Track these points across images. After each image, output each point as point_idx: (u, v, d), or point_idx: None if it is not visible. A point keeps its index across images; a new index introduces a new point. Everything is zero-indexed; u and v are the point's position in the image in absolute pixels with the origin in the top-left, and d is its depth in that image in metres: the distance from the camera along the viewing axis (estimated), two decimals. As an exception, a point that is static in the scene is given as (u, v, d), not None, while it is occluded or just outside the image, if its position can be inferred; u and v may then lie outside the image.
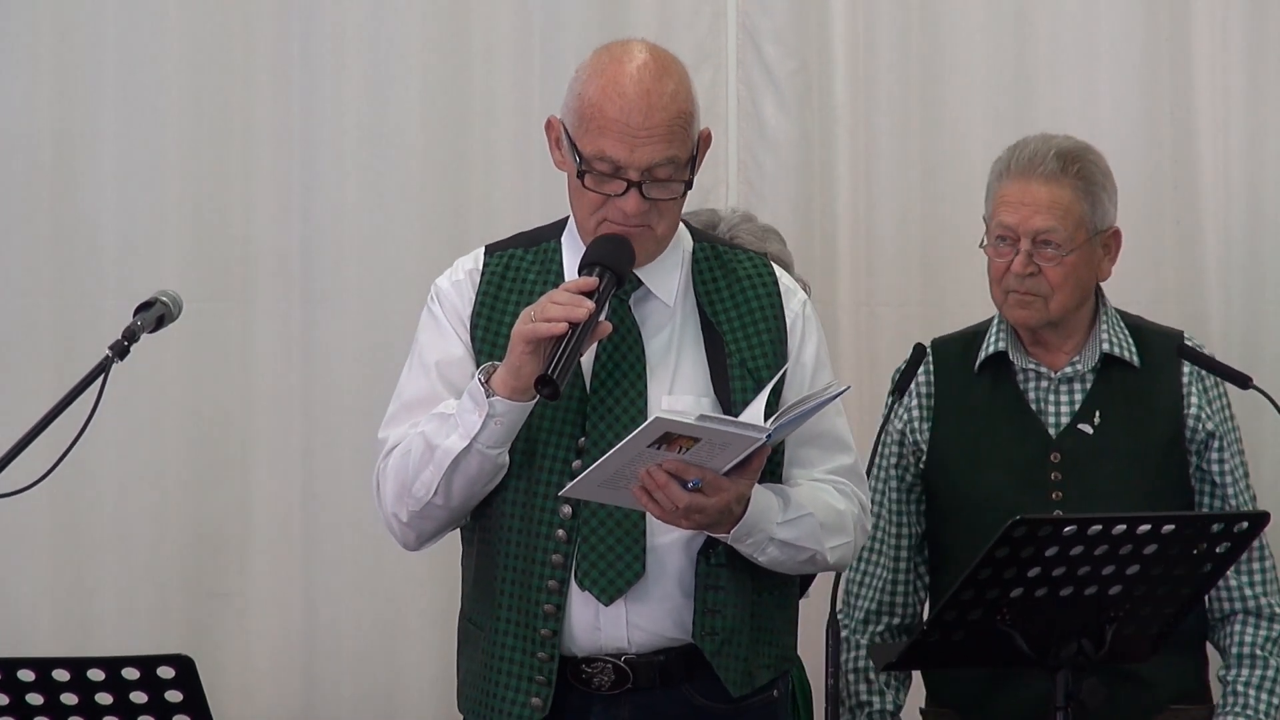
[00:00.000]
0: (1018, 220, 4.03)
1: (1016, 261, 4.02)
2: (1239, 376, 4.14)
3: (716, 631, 3.39)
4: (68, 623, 4.81)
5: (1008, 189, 4.05)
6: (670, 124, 3.33)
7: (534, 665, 3.38)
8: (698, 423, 3.16)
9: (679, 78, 3.38)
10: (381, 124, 4.91)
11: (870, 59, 4.96)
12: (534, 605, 3.37)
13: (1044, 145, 4.06)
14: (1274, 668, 4.05)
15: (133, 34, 4.87)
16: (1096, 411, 4.06)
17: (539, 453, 3.38)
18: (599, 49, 3.42)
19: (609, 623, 3.37)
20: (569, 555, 3.36)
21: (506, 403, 3.29)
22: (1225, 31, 4.92)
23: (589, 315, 3.24)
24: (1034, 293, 4.03)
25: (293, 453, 4.89)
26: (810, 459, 3.49)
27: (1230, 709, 4.04)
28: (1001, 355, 4.09)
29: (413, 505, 3.38)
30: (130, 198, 4.87)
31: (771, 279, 3.52)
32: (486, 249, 3.53)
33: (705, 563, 3.39)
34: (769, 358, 3.45)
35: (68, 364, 4.60)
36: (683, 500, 3.22)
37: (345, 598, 4.89)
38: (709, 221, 4.17)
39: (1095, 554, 3.36)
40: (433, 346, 3.46)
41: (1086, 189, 4.05)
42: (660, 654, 3.39)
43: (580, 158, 3.34)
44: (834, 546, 3.44)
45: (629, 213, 3.34)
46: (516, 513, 3.39)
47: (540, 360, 3.25)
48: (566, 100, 3.39)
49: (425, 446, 3.35)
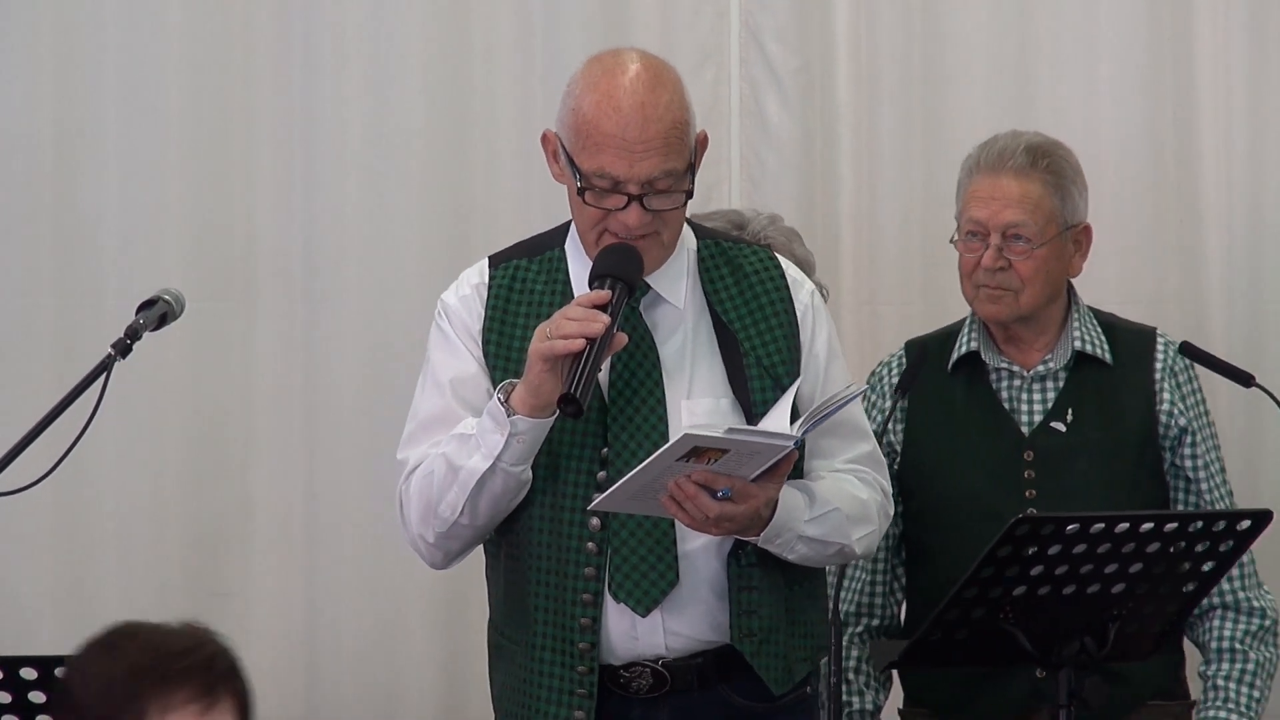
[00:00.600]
0: (987, 215, 4.03)
1: (986, 256, 4.02)
2: (1241, 375, 4.14)
3: (754, 632, 3.39)
4: (70, 621, 4.80)
5: (978, 184, 4.06)
6: (667, 135, 3.31)
7: (574, 679, 3.37)
8: (726, 435, 3.16)
9: (673, 86, 3.35)
10: (383, 124, 4.91)
11: (873, 57, 4.96)
12: (570, 619, 3.37)
13: (1014, 141, 4.07)
14: (1254, 661, 4.05)
15: (134, 34, 4.87)
16: (1069, 409, 4.06)
17: (563, 466, 3.38)
18: (590, 60, 3.40)
19: (646, 631, 3.37)
20: (601, 567, 3.36)
21: (528, 420, 3.28)
22: (1227, 31, 4.92)
23: (605, 329, 3.24)
24: (1005, 287, 4.03)
25: (294, 452, 4.89)
26: (831, 449, 3.49)
27: (1213, 703, 4.04)
28: (974, 355, 4.10)
29: (439, 526, 3.38)
30: (132, 197, 4.87)
31: (778, 271, 3.51)
32: (490, 260, 3.52)
33: (736, 564, 3.39)
34: (784, 353, 3.44)
35: (69, 363, 4.59)
36: (713, 510, 3.22)
37: (346, 597, 4.88)
38: (736, 222, 4.18)
39: (1098, 552, 3.36)
40: (445, 365, 3.44)
41: (1057, 183, 4.06)
42: (697, 656, 3.39)
43: (579, 174, 3.33)
44: (860, 537, 3.45)
45: (631, 226, 3.33)
46: (545, 527, 3.38)
47: (559, 377, 3.24)
48: (561, 114, 3.37)
49: (448, 468, 3.34)
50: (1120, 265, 4.89)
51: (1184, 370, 4.10)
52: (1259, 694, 4.05)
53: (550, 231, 3.54)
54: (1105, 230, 4.84)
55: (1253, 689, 4.05)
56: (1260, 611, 4.07)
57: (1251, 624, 4.06)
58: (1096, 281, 4.78)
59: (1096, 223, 4.48)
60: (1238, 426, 4.83)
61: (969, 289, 4.08)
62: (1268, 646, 4.07)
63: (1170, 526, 3.39)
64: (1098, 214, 4.83)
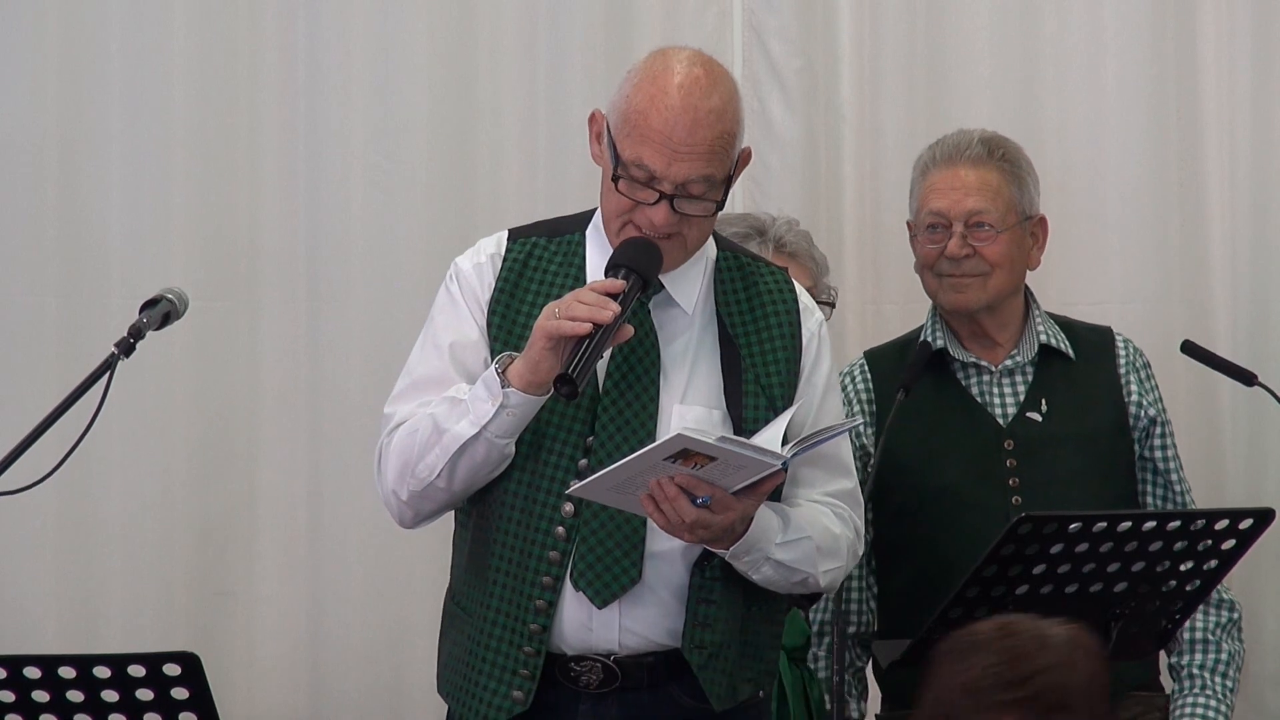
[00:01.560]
0: (948, 204, 4.08)
1: (951, 244, 4.06)
2: (1244, 374, 4.16)
3: (705, 645, 3.39)
4: (74, 620, 4.81)
5: (935, 178, 4.11)
6: (712, 143, 3.32)
7: (519, 658, 3.37)
8: (718, 443, 3.15)
9: (728, 95, 3.36)
10: (387, 123, 4.91)
11: (876, 57, 4.96)
12: (526, 599, 3.37)
13: (966, 135, 4.14)
14: (1227, 652, 4.11)
15: (138, 34, 4.87)
16: (1042, 399, 4.10)
17: (546, 447, 3.38)
18: (654, 52, 3.41)
19: (601, 624, 3.37)
20: (566, 554, 3.36)
21: (521, 395, 3.28)
22: (1231, 30, 4.92)
23: (614, 318, 3.24)
24: (970, 274, 4.06)
25: (299, 451, 4.89)
26: (812, 479, 3.49)
27: (1189, 691, 4.09)
28: (939, 355, 4.12)
29: (414, 485, 3.38)
30: (136, 196, 4.87)
31: (792, 296, 3.52)
32: (510, 234, 3.52)
33: (700, 575, 3.39)
34: (783, 375, 3.45)
35: (73, 361, 4.59)
36: (690, 515, 3.22)
37: (351, 596, 4.88)
38: (756, 226, 4.18)
39: (1100, 551, 3.37)
40: (448, 327, 3.45)
41: (1013, 172, 4.12)
42: (649, 656, 3.39)
43: (618, 160, 3.33)
44: (827, 570, 3.44)
45: (656, 223, 3.33)
46: (518, 504, 3.39)
47: (559, 357, 3.24)
48: (614, 99, 3.38)
49: (434, 428, 3.34)
50: (1123, 264, 4.89)
51: (1144, 367, 4.17)
52: (1231, 684, 4.11)
53: (573, 215, 3.55)
54: (1108, 229, 4.86)
55: (1226, 679, 4.10)
56: (1229, 605, 4.13)
57: (1221, 617, 4.12)
58: (1099, 280, 4.80)
59: (1099, 221, 4.49)
60: (1240, 426, 4.83)
61: (931, 281, 4.12)
62: (1235, 640, 4.13)
63: (1173, 525, 3.40)
64: (1101, 213, 4.85)
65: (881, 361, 4.20)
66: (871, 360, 4.21)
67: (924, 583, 3.89)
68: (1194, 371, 4.47)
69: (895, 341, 4.26)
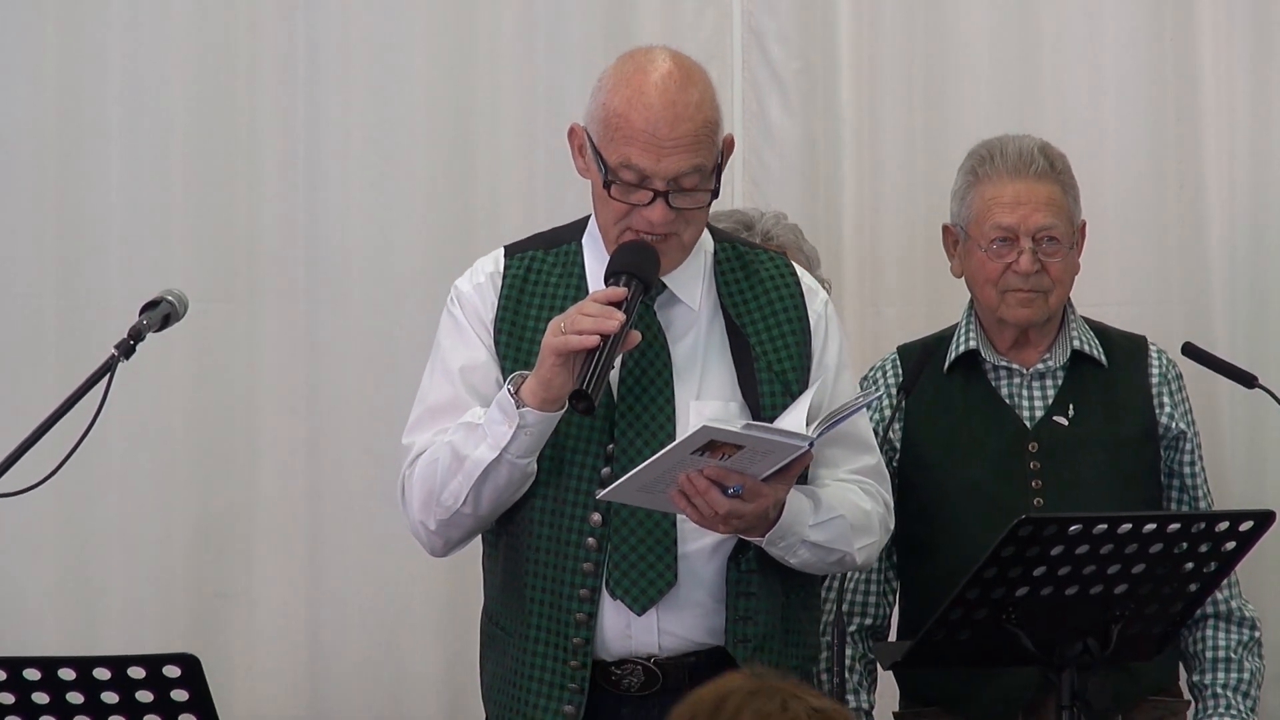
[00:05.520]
0: (1017, 220, 4.05)
1: (1023, 260, 4.03)
2: (1244, 376, 4.16)
3: (749, 638, 3.39)
4: (73, 622, 4.81)
5: (1001, 191, 4.07)
6: (696, 134, 3.33)
7: (566, 673, 3.37)
8: (744, 431, 3.16)
9: (704, 86, 3.37)
10: (386, 124, 4.91)
11: (875, 59, 4.95)
12: (566, 614, 3.37)
13: (1026, 144, 4.10)
14: (1249, 671, 4.10)
15: (138, 34, 4.87)
16: (1070, 404, 4.09)
17: (568, 460, 3.38)
18: (623, 56, 3.42)
19: (640, 629, 3.38)
20: (600, 563, 3.36)
21: (537, 413, 3.28)
22: (1230, 31, 4.92)
23: (620, 326, 3.24)
24: (1038, 289, 4.05)
25: (298, 453, 4.88)
26: (835, 459, 3.49)
27: (1214, 711, 4.08)
28: (971, 355, 4.11)
29: (441, 514, 3.38)
30: (135, 198, 4.87)
31: (794, 279, 3.52)
32: (506, 250, 3.52)
33: (736, 569, 3.40)
34: (794, 360, 3.45)
35: (73, 363, 4.59)
36: (723, 506, 3.23)
37: (350, 597, 4.88)
38: (744, 221, 4.19)
39: (1101, 553, 3.36)
40: (455, 352, 3.45)
41: (1069, 185, 4.12)
42: (690, 656, 3.39)
43: (606, 167, 3.34)
44: (862, 546, 3.46)
45: (655, 222, 3.33)
46: (546, 520, 3.39)
47: (570, 372, 3.25)
48: (590, 109, 3.38)
49: (453, 456, 3.34)
50: (1122, 265, 4.89)
51: (1176, 379, 4.16)
52: (1252, 703, 4.10)
53: (568, 225, 3.55)
54: (1108, 230, 4.85)
55: (1247, 698, 4.09)
56: (1250, 622, 4.12)
57: (1243, 634, 4.11)
58: (1098, 281, 4.79)
59: (1099, 223, 4.49)
60: (1240, 427, 4.83)
61: (992, 295, 4.08)
62: (1256, 657, 4.13)
63: (1173, 527, 3.39)
64: (1100, 214, 4.85)
65: (912, 356, 4.17)
66: (903, 355, 4.19)
67: (939, 582, 3.88)
68: (1194, 373, 4.46)
69: (925, 339, 4.22)
